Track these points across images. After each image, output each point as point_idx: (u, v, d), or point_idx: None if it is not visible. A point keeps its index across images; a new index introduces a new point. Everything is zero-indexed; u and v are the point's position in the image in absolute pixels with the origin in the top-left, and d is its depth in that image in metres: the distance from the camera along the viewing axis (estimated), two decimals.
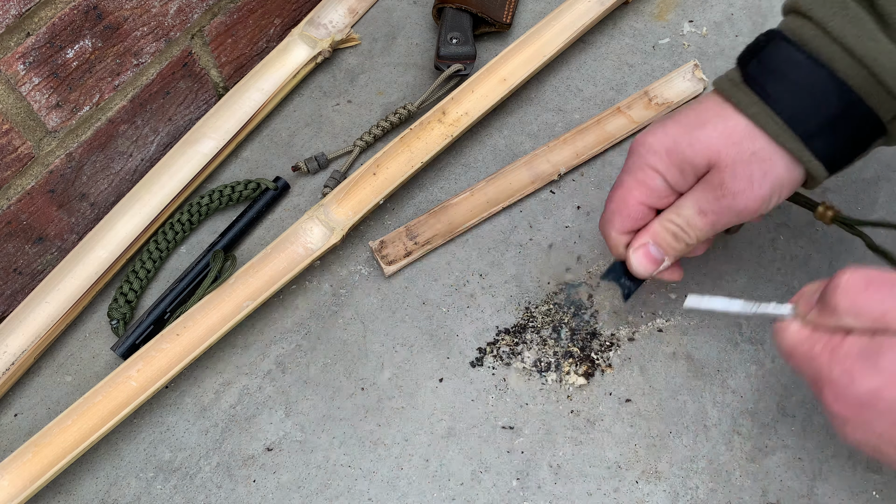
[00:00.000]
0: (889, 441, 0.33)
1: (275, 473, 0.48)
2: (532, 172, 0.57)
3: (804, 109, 0.39)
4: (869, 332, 0.33)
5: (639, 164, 0.42)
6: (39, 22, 0.45)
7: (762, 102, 0.40)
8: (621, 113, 0.59)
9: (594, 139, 0.58)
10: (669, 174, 0.41)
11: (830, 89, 0.39)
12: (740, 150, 0.40)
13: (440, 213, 0.56)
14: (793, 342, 0.36)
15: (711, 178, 0.40)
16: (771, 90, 0.39)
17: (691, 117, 0.42)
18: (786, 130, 0.39)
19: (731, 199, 0.40)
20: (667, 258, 0.43)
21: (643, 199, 0.42)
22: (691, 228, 0.42)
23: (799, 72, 0.39)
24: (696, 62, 0.61)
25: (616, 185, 0.44)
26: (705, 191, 0.41)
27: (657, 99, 0.60)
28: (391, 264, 0.54)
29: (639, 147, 0.42)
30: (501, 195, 0.56)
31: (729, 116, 0.40)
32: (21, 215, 0.51)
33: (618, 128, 0.59)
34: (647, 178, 0.42)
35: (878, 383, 0.32)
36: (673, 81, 0.60)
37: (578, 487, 0.47)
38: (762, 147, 0.39)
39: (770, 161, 0.39)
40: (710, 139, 0.40)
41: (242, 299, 0.51)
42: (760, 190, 0.40)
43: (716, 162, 0.40)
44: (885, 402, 0.32)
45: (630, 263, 0.44)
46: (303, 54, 0.62)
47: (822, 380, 0.34)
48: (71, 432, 0.47)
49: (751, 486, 0.46)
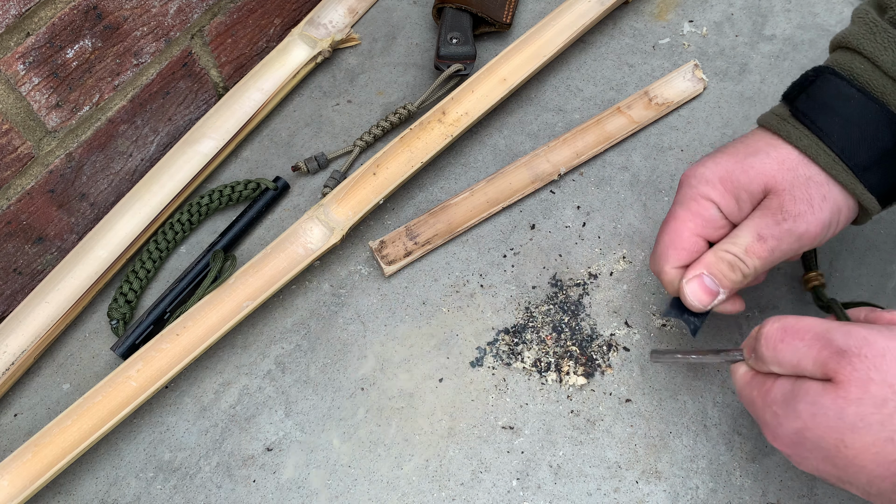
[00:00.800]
0: (826, 472, 0.35)
1: (275, 473, 0.48)
2: (532, 172, 0.57)
3: (856, 143, 0.39)
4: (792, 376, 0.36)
5: (692, 195, 0.41)
6: (39, 22, 0.45)
7: (813, 136, 0.40)
8: (621, 113, 0.59)
9: (594, 139, 0.58)
10: (724, 203, 0.41)
11: (883, 123, 0.39)
12: (796, 175, 0.39)
13: (440, 213, 0.56)
14: (739, 386, 0.39)
15: (770, 202, 0.40)
16: (822, 124, 0.39)
17: (740, 148, 0.41)
18: (838, 163, 0.39)
19: (793, 222, 0.39)
20: (722, 291, 0.41)
21: (698, 230, 0.41)
22: (749, 256, 0.40)
23: (850, 106, 0.39)
24: (696, 62, 0.61)
25: (668, 218, 0.42)
26: (764, 216, 0.40)
27: (657, 99, 0.60)
28: (391, 264, 0.54)
29: (690, 178, 0.42)
30: (501, 195, 0.56)
31: (780, 146, 0.40)
32: (21, 215, 0.51)
33: (618, 128, 0.59)
34: (701, 208, 0.41)
35: (799, 425, 0.34)
36: (673, 81, 0.60)
37: (578, 487, 0.47)
38: (817, 173, 0.39)
39: (826, 186, 0.39)
40: (765, 165, 0.40)
41: (242, 299, 0.51)
42: (821, 213, 0.39)
43: (773, 187, 0.40)
44: (809, 442, 0.34)
45: (684, 296, 0.41)
46: (303, 54, 0.62)
47: (760, 421, 0.37)
48: (71, 432, 0.47)
49: (751, 486, 0.46)
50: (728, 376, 0.50)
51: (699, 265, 0.41)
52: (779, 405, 0.35)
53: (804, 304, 0.52)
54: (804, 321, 0.35)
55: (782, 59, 0.62)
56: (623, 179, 0.58)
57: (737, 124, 0.59)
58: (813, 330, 0.35)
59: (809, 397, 0.34)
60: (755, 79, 0.61)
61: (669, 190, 0.57)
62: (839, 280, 0.53)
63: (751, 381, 0.38)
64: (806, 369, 0.35)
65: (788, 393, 0.35)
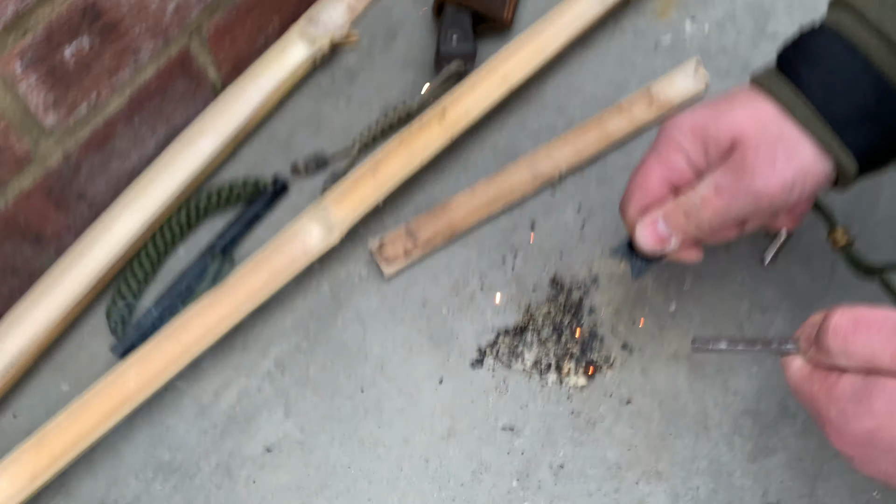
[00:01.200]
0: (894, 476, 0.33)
1: (274, 474, 0.48)
2: (533, 172, 0.57)
3: (837, 97, 0.38)
4: (863, 371, 0.33)
5: (664, 142, 0.42)
6: (37, 20, 0.45)
7: (794, 87, 0.39)
8: (622, 111, 0.59)
9: (595, 138, 0.58)
10: (693, 151, 0.41)
11: (865, 79, 0.38)
12: (767, 132, 0.39)
13: (440, 213, 0.56)
14: (795, 381, 0.37)
15: (734, 157, 0.39)
16: (804, 76, 0.39)
17: (722, 102, 0.41)
18: (816, 117, 0.38)
19: (750, 179, 0.38)
20: (674, 237, 0.41)
21: (665, 175, 0.42)
22: (705, 207, 0.40)
23: (834, 60, 0.38)
24: (699, 60, 0.61)
25: (640, 162, 0.43)
26: (725, 170, 0.40)
27: (659, 97, 0.59)
28: (391, 264, 0.54)
29: (666, 126, 0.42)
30: (502, 195, 0.56)
31: (759, 100, 0.40)
32: (18, 215, 0.51)
33: (619, 127, 0.58)
34: (669, 155, 0.41)
35: (873, 425, 0.32)
36: (675, 79, 0.60)
37: (579, 487, 0.47)
38: (790, 132, 0.38)
39: (797, 146, 0.38)
40: (737, 118, 0.39)
41: (241, 299, 0.50)
42: (782, 174, 0.38)
43: (740, 140, 0.39)
44: (883, 443, 0.32)
45: (635, 237, 0.42)
46: (302, 53, 0.61)
47: (822, 419, 0.35)
48: (70, 433, 0.46)
49: (752, 487, 0.46)
50: (729, 376, 0.50)
51: (657, 209, 0.42)
52: (848, 401, 0.33)
53: (806, 304, 0.52)
54: (878, 311, 0.33)
55: None
56: (624, 179, 0.57)
57: None
58: (890, 322, 0.32)
59: (887, 394, 0.32)
60: None
61: None
62: (840, 280, 0.53)
63: (810, 374, 0.36)
64: (882, 364, 0.32)
65: (861, 389, 0.33)
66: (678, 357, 0.50)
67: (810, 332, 0.36)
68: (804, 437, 0.48)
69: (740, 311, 0.52)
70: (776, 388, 0.49)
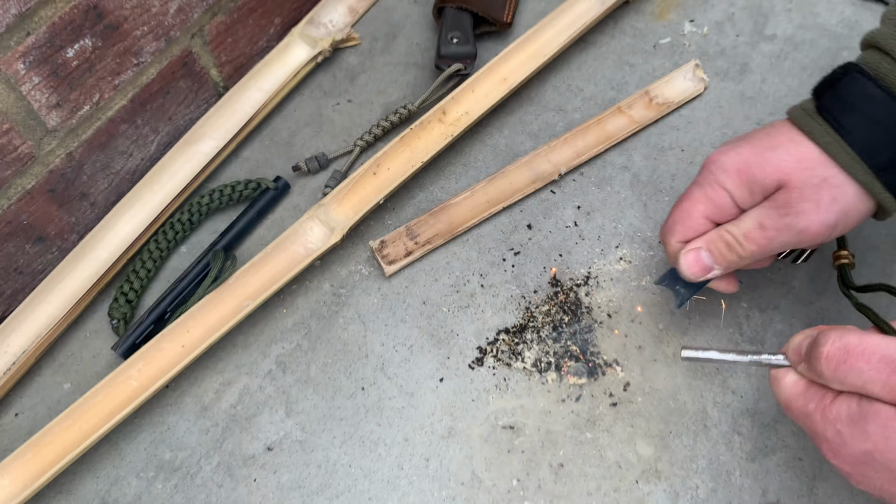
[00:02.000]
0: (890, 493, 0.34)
1: (275, 473, 0.48)
2: (532, 172, 0.57)
3: (877, 143, 0.39)
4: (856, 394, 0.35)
5: (709, 180, 0.43)
6: (39, 21, 0.45)
7: (835, 133, 0.40)
8: (622, 113, 0.59)
9: (595, 139, 0.58)
10: (737, 192, 0.42)
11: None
12: (811, 175, 0.40)
13: (440, 213, 0.56)
14: (788, 396, 0.38)
15: (778, 196, 0.41)
16: (844, 122, 0.40)
17: (764, 140, 0.42)
18: (858, 162, 0.39)
19: (794, 218, 0.40)
20: (717, 267, 0.43)
21: (707, 212, 0.43)
22: (747, 241, 0.41)
23: (874, 106, 0.40)
24: (697, 62, 0.61)
25: (683, 196, 0.44)
26: (769, 207, 0.41)
27: (658, 98, 0.60)
28: (391, 264, 0.54)
29: (710, 164, 0.43)
30: (502, 195, 0.56)
31: (802, 143, 0.41)
32: (21, 215, 0.51)
33: (618, 128, 0.59)
34: (714, 193, 0.43)
35: (868, 447, 0.34)
36: (674, 81, 0.60)
37: (578, 487, 0.47)
38: (834, 175, 0.40)
39: (840, 189, 0.40)
40: (782, 161, 0.41)
41: (243, 299, 0.51)
42: (826, 214, 0.40)
43: (786, 182, 0.40)
44: (878, 463, 0.34)
45: (679, 265, 0.44)
46: (303, 54, 0.62)
47: (818, 438, 0.36)
48: (71, 432, 0.47)
49: (751, 486, 0.46)
50: (728, 376, 0.50)
51: (700, 240, 0.44)
52: (844, 424, 0.34)
53: (804, 304, 0.52)
54: (867, 340, 0.34)
55: (783, 58, 0.62)
56: (623, 179, 0.58)
57: (737, 124, 0.59)
58: (879, 352, 0.34)
59: (881, 420, 0.33)
60: (756, 79, 0.61)
61: (670, 190, 0.57)
62: None
63: (805, 391, 0.37)
64: (874, 392, 0.34)
65: (856, 413, 0.34)
66: (678, 357, 0.51)
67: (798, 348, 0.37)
68: (803, 437, 0.48)
69: (739, 311, 0.52)
70: None
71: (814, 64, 0.61)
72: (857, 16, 0.64)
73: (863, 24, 0.63)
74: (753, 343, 0.51)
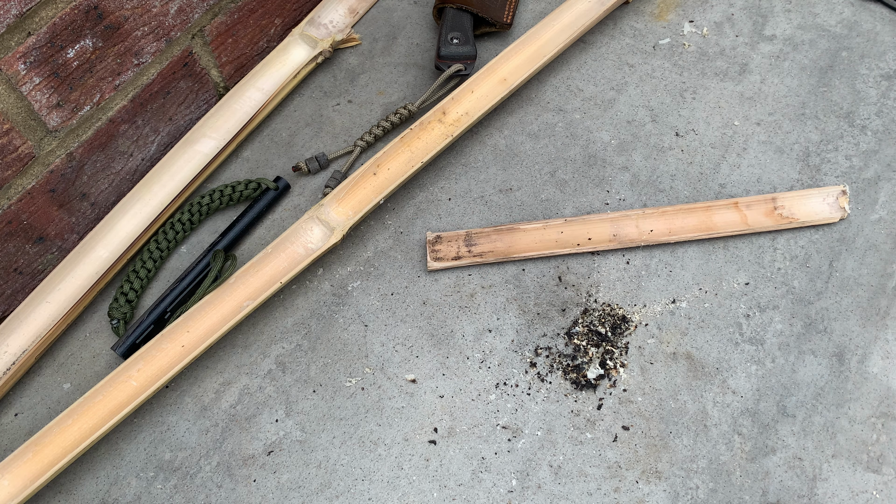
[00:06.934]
0: None
1: (275, 473, 0.48)
2: (614, 230, 0.53)
3: None
4: None
5: None
6: (40, 22, 0.45)
7: None
8: (737, 209, 0.54)
9: (695, 224, 0.53)
10: None
11: None
12: None
13: (505, 233, 0.54)
14: None
15: None
16: None
17: None
18: None
19: None
20: None
21: None
22: None
23: None
24: (845, 188, 0.54)
25: None
26: None
27: (784, 210, 0.54)
28: (438, 261, 0.53)
29: None
30: (573, 240, 0.53)
31: None
32: (22, 215, 0.51)
33: (726, 223, 0.53)
34: None
35: None
36: (810, 199, 0.54)
37: (578, 487, 0.47)
38: None
39: None
40: None
41: (243, 299, 0.51)
42: None
43: None
44: None
45: None
46: (303, 54, 0.62)
47: None
48: (71, 432, 0.47)
49: (751, 486, 0.46)
50: (728, 376, 0.50)
51: None
52: None
53: (804, 304, 0.52)
54: None
55: (782, 59, 0.62)
56: (623, 179, 0.58)
57: (737, 125, 0.59)
58: None
59: None
60: (755, 79, 0.61)
61: (669, 190, 0.57)
62: (839, 280, 0.53)
63: None
64: None
65: None
66: (677, 357, 0.51)
67: None
68: (803, 437, 0.48)
69: (739, 311, 0.52)
70: (775, 387, 0.49)
71: (813, 64, 0.61)
72: (857, 16, 0.64)
73: (862, 24, 0.63)
74: (753, 343, 0.51)
